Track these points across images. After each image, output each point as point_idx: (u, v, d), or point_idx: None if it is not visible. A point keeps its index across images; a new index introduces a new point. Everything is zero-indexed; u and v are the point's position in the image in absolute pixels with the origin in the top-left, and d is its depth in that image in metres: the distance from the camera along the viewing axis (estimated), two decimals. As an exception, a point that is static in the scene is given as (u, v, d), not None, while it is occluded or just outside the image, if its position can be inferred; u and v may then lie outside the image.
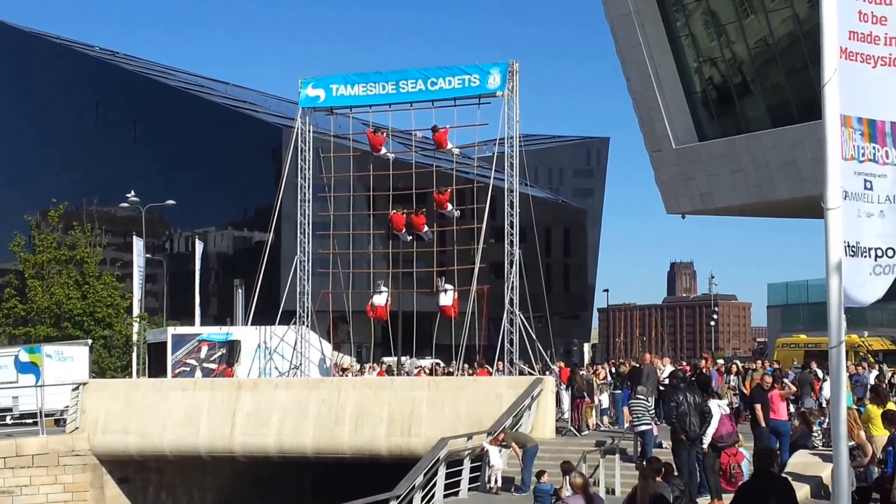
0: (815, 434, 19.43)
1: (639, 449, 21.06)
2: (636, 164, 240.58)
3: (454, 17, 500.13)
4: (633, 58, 50.52)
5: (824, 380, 25.28)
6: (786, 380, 20.65)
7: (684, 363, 40.22)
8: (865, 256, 7.46)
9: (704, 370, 27.69)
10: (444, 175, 33.52)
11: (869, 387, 24.51)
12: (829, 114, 7.53)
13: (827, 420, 18.53)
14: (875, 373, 29.26)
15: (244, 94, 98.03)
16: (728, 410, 18.55)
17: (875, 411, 16.30)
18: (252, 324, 33.91)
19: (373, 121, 33.31)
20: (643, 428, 20.52)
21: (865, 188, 7.48)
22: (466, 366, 31.72)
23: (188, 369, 34.17)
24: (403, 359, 39.97)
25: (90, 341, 40.42)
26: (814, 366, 29.04)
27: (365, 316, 32.39)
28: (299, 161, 32.21)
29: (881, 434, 15.20)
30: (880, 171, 7.50)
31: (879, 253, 7.47)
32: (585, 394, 26.87)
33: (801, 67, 43.19)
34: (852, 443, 10.55)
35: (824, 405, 22.48)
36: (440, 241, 32.95)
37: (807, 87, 40.51)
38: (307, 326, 32.06)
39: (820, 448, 18.27)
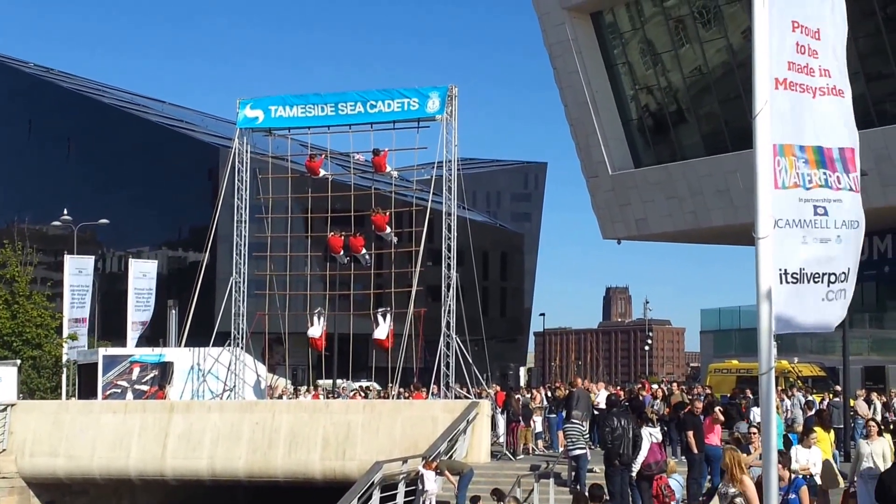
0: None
1: (573, 473, 21.14)
2: (573, 189, 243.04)
3: (394, 40, 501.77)
4: (570, 84, 51.07)
5: (753, 404, 25.65)
6: (717, 408, 20.84)
7: (618, 388, 40.50)
8: (817, 282, 7.55)
9: (640, 396, 27.91)
10: (382, 197, 33.53)
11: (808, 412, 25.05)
12: (761, 145, 7.64)
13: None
14: (799, 399, 29.74)
15: (181, 113, 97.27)
16: (659, 438, 18.69)
17: (821, 434, 16.98)
18: (185, 345, 33.54)
19: (311, 142, 33.28)
20: (577, 452, 20.62)
21: (817, 214, 7.57)
22: (402, 389, 31.65)
23: (119, 391, 33.66)
24: (339, 381, 39.77)
25: (18, 362, 39.64)
26: (748, 392, 29.42)
27: (301, 338, 32.16)
28: (236, 181, 32.03)
29: (826, 456, 16.05)
30: (834, 197, 7.61)
31: (833, 279, 7.57)
32: (521, 418, 26.92)
33: (734, 97, 43.95)
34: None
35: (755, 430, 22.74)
36: (378, 264, 32.90)
37: (740, 115, 41.20)
38: (242, 348, 31.80)
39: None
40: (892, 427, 27.53)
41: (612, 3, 49.13)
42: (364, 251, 31.30)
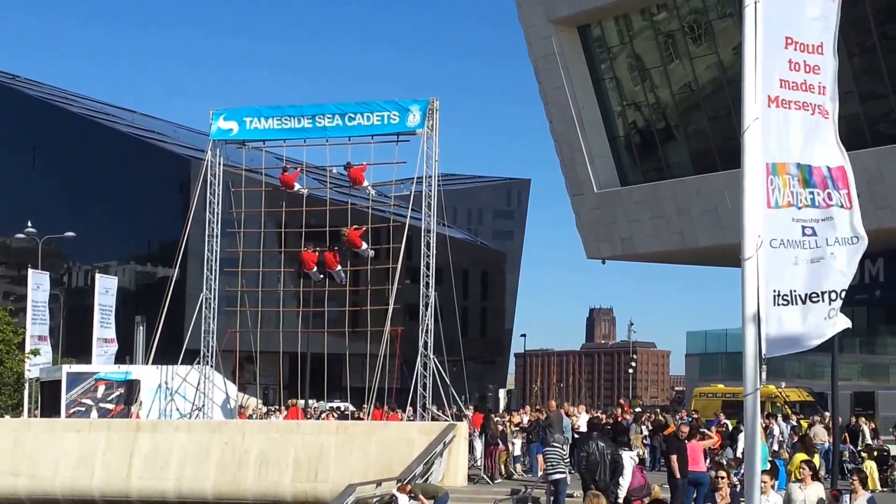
0: (735, 484, 19.70)
1: (552, 498, 21.14)
2: (557, 207, 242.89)
3: (375, 52, 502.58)
4: (556, 99, 51.27)
5: (737, 430, 25.74)
6: (705, 430, 20.93)
7: (599, 412, 40.57)
8: (815, 301, 7.59)
9: (620, 419, 27.96)
10: (359, 213, 33.53)
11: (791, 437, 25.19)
12: (749, 163, 7.70)
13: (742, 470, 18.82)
14: (785, 424, 29.88)
15: (153, 123, 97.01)
16: (637, 461, 18.77)
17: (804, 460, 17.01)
18: (153, 363, 33.39)
19: (286, 155, 33.26)
20: (557, 476, 20.61)
21: (805, 234, 7.62)
22: (377, 409, 31.62)
23: (83, 409, 33.44)
24: (311, 401, 39.68)
25: (-22, 378, 39.41)
26: (722, 417, 29.56)
27: (272, 356, 32.08)
28: (208, 195, 31.95)
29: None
30: (823, 216, 7.65)
31: (833, 296, 7.62)
32: (499, 441, 26.92)
33: (724, 114, 44.19)
34: None
35: (740, 455, 22.85)
36: (354, 281, 32.86)
37: (730, 133, 41.43)
38: (211, 366, 31.69)
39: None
40: (876, 454, 27.79)
41: (600, 16, 49.38)
42: (339, 267, 31.27)
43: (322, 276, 31.83)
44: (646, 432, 28.28)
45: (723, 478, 13.73)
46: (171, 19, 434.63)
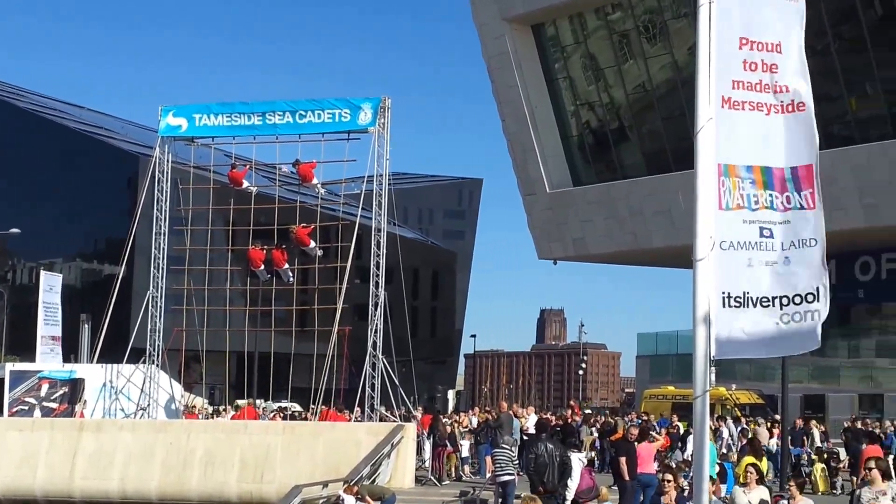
0: (684, 487, 19.77)
1: (500, 500, 21.12)
2: (509, 207, 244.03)
3: (328, 49, 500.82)
4: (508, 98, 51.30)
5: (687, 432, 25.90)
6: (653, 433, 21.03)
7: (549, 413, 40.68)
8: (766, 306, 7.56)
9: (570, 420, 28.01)
10: (308, 211, 33.34)
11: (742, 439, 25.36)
12: (702, 163, 7.68)
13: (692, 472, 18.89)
14: (735, 426, 30.12)
15: (101, 119, 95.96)
16: (586, 462, 18.81)
17: (752, 462, 17.05)
18: (98, 361, 33.03)
19: (236, 153, 33.03)
20: (505, 478, 20.60)
21: (762, 236, 7.59)
22: (325, 409, 31.50)
23: (27, 408, 33.04)
24: (258, 401, 39.44)
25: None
26: (674, 419, 29.75)
27: (219, 356, 31.85)
28: (156, 192, 31.70)
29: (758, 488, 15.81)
30: (781, 218, 7.62)
31: (785, 301, 7.58)
32: (448, 442, 26.89)
33: (678, 115, 44.43)
34: None
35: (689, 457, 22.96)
36: (302, 280, 32.69)
37: (684, 134, 41.66)
38: (157, 366, 31.42)
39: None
40: (826, 457, 28.09)
41: (555, 15, 49.47)
42: (286, 266, 31.09)
43: (269, 275, 31.64)
44: (595, 434, 28.40)
45: (668, 481, 13.70)
46: (120, 15, 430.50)
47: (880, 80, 42.17)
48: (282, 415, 35.35)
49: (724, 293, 7.57)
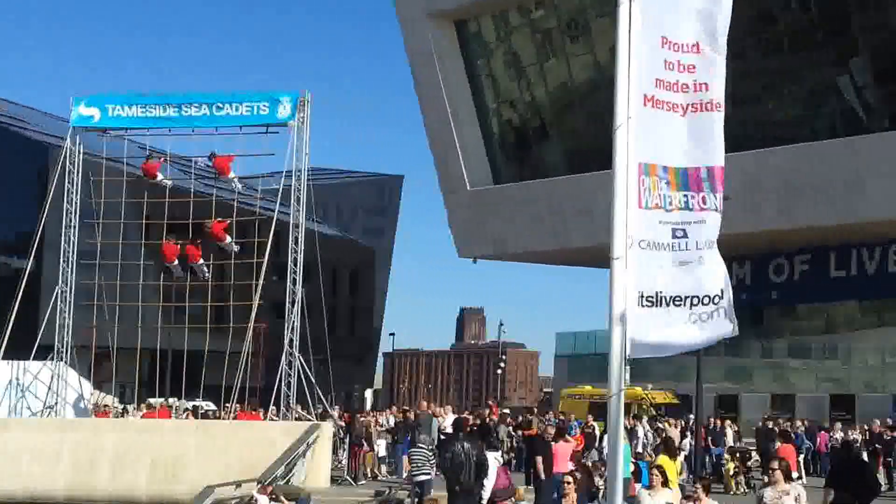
0: (599, 486, 19.96)
1: (416, 500, 21.12)
2: (430, 204, 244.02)
3: (247, 42, 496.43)
4: (430, 95, 51.36)
5: (604, 431, 26.14)
6: (569, 435, 21.22)
7: (467, 412, 40.77)
8: (679, 305, 7.63)
9: (488, 420, 28.13)
10: (224, 205, 33.00)
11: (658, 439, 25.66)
12: (619, 161, 7.74)
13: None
14: (650, 426, 30.51)
15: (10, 108, 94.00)
16: (502, 462, 18.90)
17: (666, 463, 17.27)
18: (4, 358, 32.33)
19: (150, 145, 32.59)
20: (422, 478, 20.62)
21: (676, 237, 7.65)
22: (239, 409, 31.24)
23: (-74, 407, 32.23)
24: (172, 400, 38.97)
25: None
26: (589, 418, 30.02)
27: (131, 353, 31.39)
28: (67, 184, 31.15)
29: (671, 486, 15.95)
30: (696, 218, 7.69)
31: (695, 301, 7.65)
32: (364, 441, 26.83)
33: (600, 114, 44.81)
34: None
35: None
36: (218, 276, 32.32)
37: (605, 134, 41.89)
38: (66, 363, 30.86)
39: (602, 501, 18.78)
40: (739, 456, 28.58)
41: (478, 12, 49.63)
42: (201, 261, 30.75)
43: (183, 271, 31.26)
44: (510, 430, 28.59)
45: (569, 483, 13.81)
46: (33, 5, 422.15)
47: (798, 82, 43.02)
48: (195, 414, 34.97)
49: (639, 292, 7.63)
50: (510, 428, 31.31)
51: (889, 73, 40.80)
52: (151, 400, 40.92)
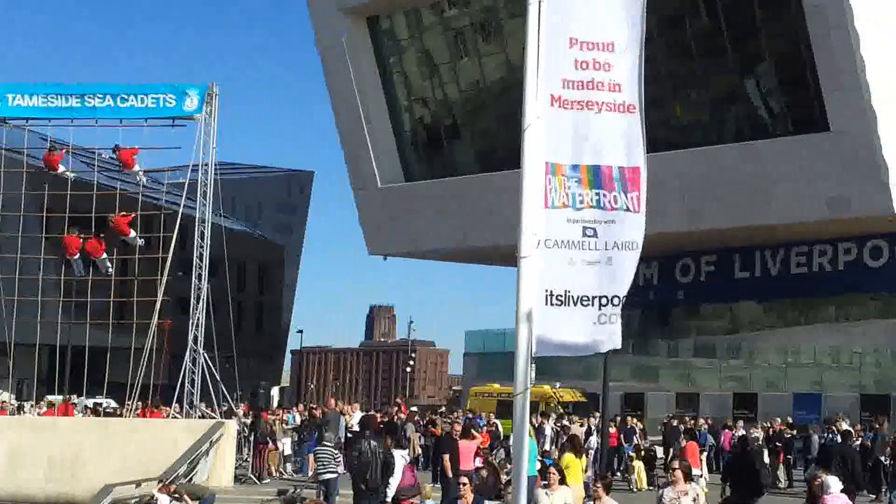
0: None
1: (322, 498, 21.02)
2: (341, 201, 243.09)
3: (155, 32, 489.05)
4: (342, 91, 51.14)
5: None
6: (474, 431, 21.28)
7: (375, 410, 40.74)
8: (586, 305, 7.65)
9: (396, 418, 28.11)
10: (129, 199, 32.48)
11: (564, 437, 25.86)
12: (528, 161, 7.76)
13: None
14: (555, 425, 30.80)
15: None
16: (408, 460, 18.92)
17: (572, 460, 17.51)
18: None
19: (52, 136, 31.93)
20: (328, 476, 20.53)
21: (585, 235, 7.67)
22: (141, 406, 30.80)
23: None
24: (71, 397, 38.25)
25: None
26: (490, 416, 30.19)
27: (30, 349, 30.70)
28: (-37, 175, 30.35)
29: (577, 484, 16.12)
30: (607, 217, 7.71)
31: (604, 301, 7.67)
32: (269, 439, 26.65)
33: (511, 114, 45.03)
34: None
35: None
36: (122, 271, 31.82)
37: (515, 133, 42.16)
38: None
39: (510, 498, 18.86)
40: (643, 454, 28.98)
41: (391, 8, 49.59)
42: (104, 255, 30.21)
43: (86, 268, 30.68)
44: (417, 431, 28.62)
45: (464, 484, 13.84)
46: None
47: (705, 86, 43.75)
48: (95, 412, 34.36)
49: (547, 291, 7.65)
50: (417, 426, 31.29)
51: (793, 79, 41.70)
52: (51, 397, 40.10)
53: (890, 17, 38.56)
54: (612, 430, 30.58)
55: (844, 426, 28.91)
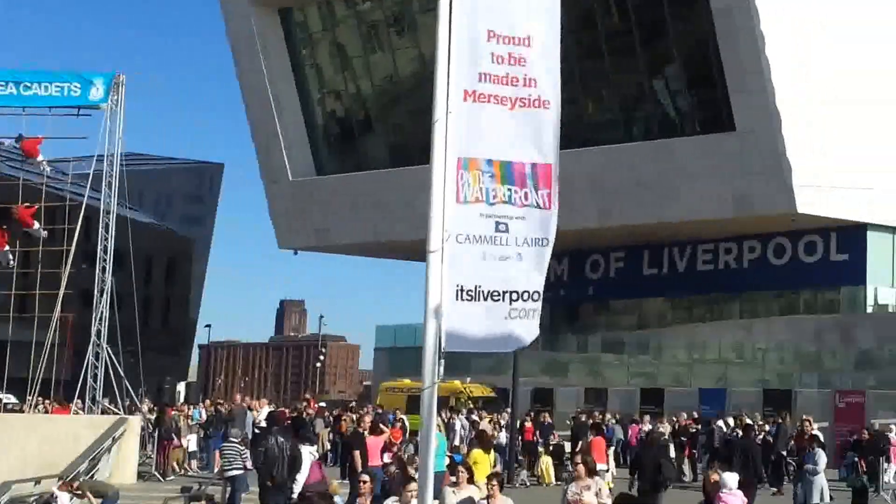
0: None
1: (227, 495, 20.82)
2: (251, 194, 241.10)
3: (58, 18, 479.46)
4: (253, 82, 50.71)
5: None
6: (383, 426, 21.25)
7: (284, 406, 40.48)
8: (497, 300, 7.63)
9: (305, 414, 27.95)
10: (32, 189, 31.81)
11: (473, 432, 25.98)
12: (437, 156, 7.73)
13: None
14: (465, 420, 30.90)
15: None
16: (317, 456, 18.84)
17: (480, 456, 17.55)
18: None
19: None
20: (234, 473, 20.32)
21: (498, 230, 7.65)
22: (42, 401, 30.20)
23: None
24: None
25: None
26: (398, 412, 30.14)
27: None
28: None
29: (484, 480, 16.14)
30: (518, 213, 7.70)
31: (514, 296, 7.66)
32: (174, 435, 26.34)
33: (423, 108, 44.98)
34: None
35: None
36: (23, 263, 31.12)
37: (428, 128, 42.21)
38: None
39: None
40: (552, 449, 29.21)
41: (303, 1, 49.27)
42: (7, 248, 29.53)
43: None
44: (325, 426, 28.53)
45: (364, 482, 13.78)
46: None
47: (615, 85, 44.25)
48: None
49: (457, 286, 7.62)
50: (326, 421, 31.16)
51: (701, 79, 42.37)
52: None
53: (796, 19, 39.37)
54: (528, 424, 30.80)
55: (747, 420, 29.44)
